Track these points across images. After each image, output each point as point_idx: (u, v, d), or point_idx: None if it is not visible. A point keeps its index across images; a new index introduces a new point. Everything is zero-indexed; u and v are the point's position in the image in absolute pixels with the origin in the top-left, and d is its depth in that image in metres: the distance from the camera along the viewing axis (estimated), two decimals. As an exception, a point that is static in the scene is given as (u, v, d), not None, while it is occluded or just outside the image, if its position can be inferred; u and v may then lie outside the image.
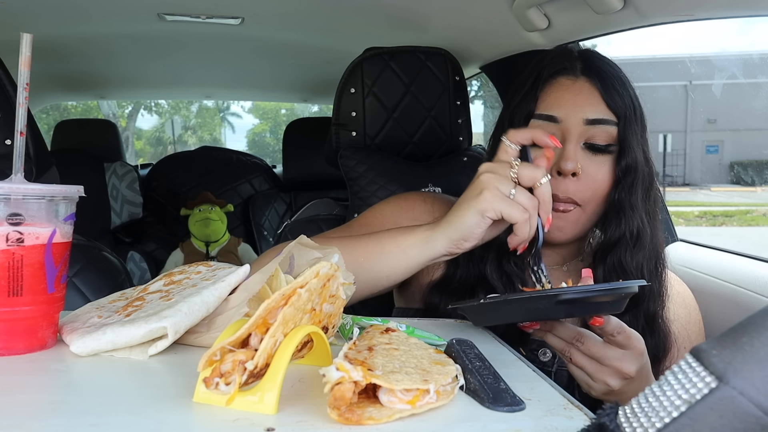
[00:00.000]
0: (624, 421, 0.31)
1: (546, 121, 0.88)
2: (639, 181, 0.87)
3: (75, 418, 0.44)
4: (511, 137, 0.77)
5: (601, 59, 0.93)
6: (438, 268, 0.95)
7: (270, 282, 0.58)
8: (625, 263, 0.87)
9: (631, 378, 0.72)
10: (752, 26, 38.59)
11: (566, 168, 0.84)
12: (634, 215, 0.87)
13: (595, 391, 0.74)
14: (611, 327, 0.70)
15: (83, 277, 1.08)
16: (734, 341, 0.30)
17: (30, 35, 0.59)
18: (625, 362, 0.71)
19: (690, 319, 0.96)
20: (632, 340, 0.71)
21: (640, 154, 0.87)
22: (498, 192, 0.74)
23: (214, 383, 0.44)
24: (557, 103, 0.88)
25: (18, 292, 0.57)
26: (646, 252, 0.88)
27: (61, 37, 1.80)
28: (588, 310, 0.68)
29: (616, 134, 0.87)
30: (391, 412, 0.44)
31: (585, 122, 0.86)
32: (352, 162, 1.31)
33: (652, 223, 0.90)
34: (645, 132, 0.90)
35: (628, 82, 0.90)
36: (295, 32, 1.79)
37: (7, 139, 0.98)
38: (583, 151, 0.87)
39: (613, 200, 0.87)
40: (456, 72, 1.38)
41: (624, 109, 0.87)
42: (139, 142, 20.30)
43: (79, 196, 0.62)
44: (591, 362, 0.72)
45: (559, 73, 0.91)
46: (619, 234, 0.87)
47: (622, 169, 0.86)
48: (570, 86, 0.89)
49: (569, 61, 0.91)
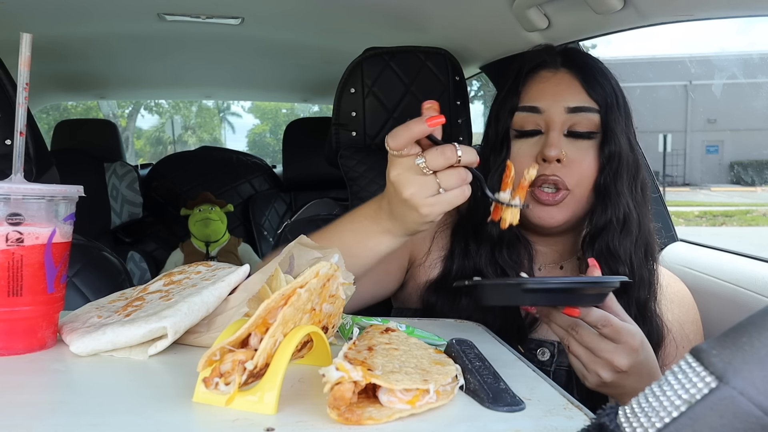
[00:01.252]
0: (624, 421, 0.31)
1: (529, 113, 0.91)
2: (623, 167, 0.89)
3: (75, 418, 0.44)
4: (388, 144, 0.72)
5: (581, 53, 0.97)
6: (434, 267, 0.96)
7: (270, 282, 0.58)
8: (612, 248, 0.88)
9: (624, 372, 0.71)
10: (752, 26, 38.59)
11: (550, 155, 0.87)
12: (620, 201, 0.88)
13: (588, 382, 0.74)
14: (593, 318, 0.70)
15: (83, 277, 1.07)
16: (734, 341, 0.30)
17: (30, 35, 0.59)
18: (617, 356, 0.71)
19: (688, 318, 0.96)
20: (622, 334, 0.70)
21: (624, 141, 0.90)
22: (429, 200, 0.70)
23: (214, 383, 0.44)
24: (539, 95, 0.91)
25: (18, 292, 0.57)
26: (633, 238, 0.89)
27: (61, 37, 1.80)
28: (565, 301, 0.69)
29: (599, 121, 0.89)
30: (391, 412, 0.44)
31: (567, 110, 0.89)
32: (352, 162, 1.31)
33: (640, 210, 0.91)
34: (630, 121, 0.93)
35: (610, 73, 0.93)
36: (295, 32, 1.79)
37: (7, 139, 0.98)
38: (567, 138, 0.89)
39: (599, 186, 0.89)
40: (456, 72, 1.38)
41: (605, 97, 0.90)
42: (139, 142, 20.30)
43: (79, 196, 0.62)
44: (585, 352, 0.72)
45: (540, 66, 0.94)
46: (605, 219, 0.89)
47: (605, 156, 0.89)
48: (550, 78, 0.92)
49: (549, 55, 0.95)
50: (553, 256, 0.96)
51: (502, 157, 0.91)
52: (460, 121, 1.39)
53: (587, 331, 0.72)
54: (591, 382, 0.74)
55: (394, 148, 0.71)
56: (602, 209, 0.89)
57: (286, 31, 1.78)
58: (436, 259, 0.97)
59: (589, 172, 0.89)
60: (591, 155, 0.89)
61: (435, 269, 0.96)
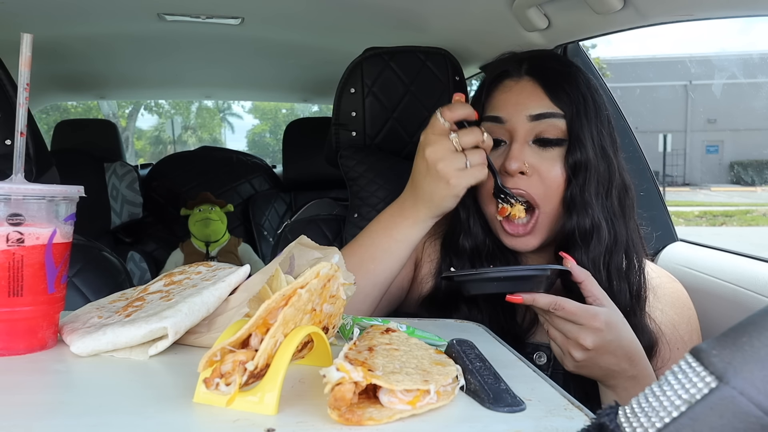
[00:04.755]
0: (624, 421, 0.31)
1: (492, 123, 0.90)
2: (592, 177, 0.86)
3: (75, 419, 0.44)
4: (444, 115, 0.82)
5: (552, 58, 0.95)
6: (426, 282, 0.97)
7: (270, 282, 0.58)
8: (578, 258, 0.85)
9: (592, 351, 0.76)
10: (752, 26, 38.59)
11: (511, 168, 0.86)
12: (586, 212, 0.86)
13: (567, 365, 0.79)
14: (542, 303, 0.76)
15: (83, 277, 1.08)
16: (734, 341, 0.30)
17: (30, 35, 0.59)
18: (582, 335, 0.76)
19: (682, 318, 0.95)
20: (578, 315, 0.75)
21: (595, 150, 0.87)
22: (457, 172, 0.81)
23: (215, 384, 0.44)
24: (501, 104, 0.90)
25: (18, 292, 0.57)
26: (602, 249, 0.87)
27: (61, 37, 1.80)
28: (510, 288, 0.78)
29: (566, 128, 0.87)
30: (392, 412, 0.44)
31: (529, 119, 0.87)
32: (352, 162, 1.31)
33: (614, 220, 0.88)
34: (604, 128, 0.89)
35: (582, 77, 0.90)
36: (295, 32, 1.79)
37: (7, 140, 0.98)
38: (532, 148, 0.88)
39: (566, 197, 0.87)
40: (456, 72, 1.38)
41: (570, 104, 0.87)
42: (139, 142, 20.30)
43: (79, 196, 0.62)
44: (559, 335, 0.78)
45: (503, 75, 0.93)
46: (569, 229, 0.87)
47: (571, 165, 0.86)
48: (513, 87, 0.91)
49: (513, 63, 0.93)
50: (540, 262, 0.96)
51: None
52: (460, 121, 1.39)
53: (555, 316, 0.77)
54: (568, 365, 0.79)
55: (449, 119, 0.82)
56: (566, 219, 0.87)
57: (286, 31, 1.78)
58: (426, 273, 0.98)
59: (555, 184, 0.87)
60: (558, 164, 0.87)
61: (428, 284, 0.97)
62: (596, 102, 0.89)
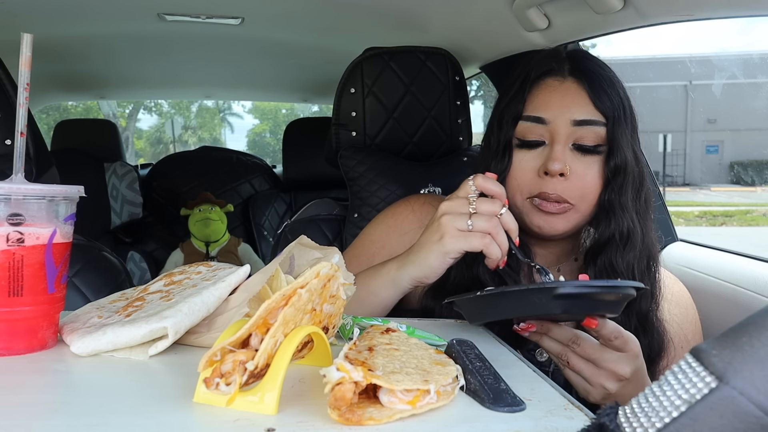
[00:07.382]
0: (624, 421, 0.31)
1: (534, 123, 0.88)
2: (629, 181, 0.87)
3: (75, 419, 0.44)
4: (476, 180, 0.79)
5: (591, 60, 0.93)
6: None
7: (270, 282, 0.58)
8: (615, 263, 0.86)
9: (627, 380, 0.71)
10: (752, 26, 38.58)
11: (553, 168, 0.84)
12: (624, 215, 0.86)
13: (592, 396, 0.73)
14: (608, 331, 0.69)
15: (83, 277, 1.07)
16: (734, 341, 0.30)
17: (30, 35, 0.59)
18: (621, 364, 0.70)
19: (686, 318, 0.96)
20: (629, 343, 0.70)
21: (630, 154, 0.87)
22: (456, 232, 0.77)
23: (215, 383, 0.44)
24: (545, 105, 0.88)
25: (18, 292, 0.57)
26: (636, 252, 0.87)
27: (61, 37, 1.80)
28: (585, 309, 0.66)
29: (605, 135, 0.86)
30: (392, 412, 0.44)
31: (573, 123, 0.86)
32: (352, 162, 1.31)
33: (643, 222, 0.89)
34: (635, 132, 0.90)
35: (618, 82, 0.90)
36: (295, 32, 1.79)
37: (7, 139, 0.98)
38: (571, 152, 0.87)
39: (603, 201, 0.87)
40: (456, 72, 1.38)
41: (612, 110, 0.86)
42: (139, 142, 20.30)
43: (79, 196, 0.62)
44: (588, 365, 0.71)
45: (547, 74, 0.91)
46: (609, 234, 0.87)
47: (611, 170, 0.86)
48: (557, 87, 0.89)
49: (557, 62, 0.91)
50: (550, 258, 0.95)
51: (504, 165, 0.89)
52: (460, 121, 1.39)
53: (589, 343, 0.71)
54: (595, 396, 0.72)
55: (478, 185, 0.78)
56: (606, 224, 0.87)
57: (286, 31, 1.78)
58: None
59: (593, 187, 0.86)
60: (595, 169, 0.86)
61: None
62: (631, 105, 0.89)
